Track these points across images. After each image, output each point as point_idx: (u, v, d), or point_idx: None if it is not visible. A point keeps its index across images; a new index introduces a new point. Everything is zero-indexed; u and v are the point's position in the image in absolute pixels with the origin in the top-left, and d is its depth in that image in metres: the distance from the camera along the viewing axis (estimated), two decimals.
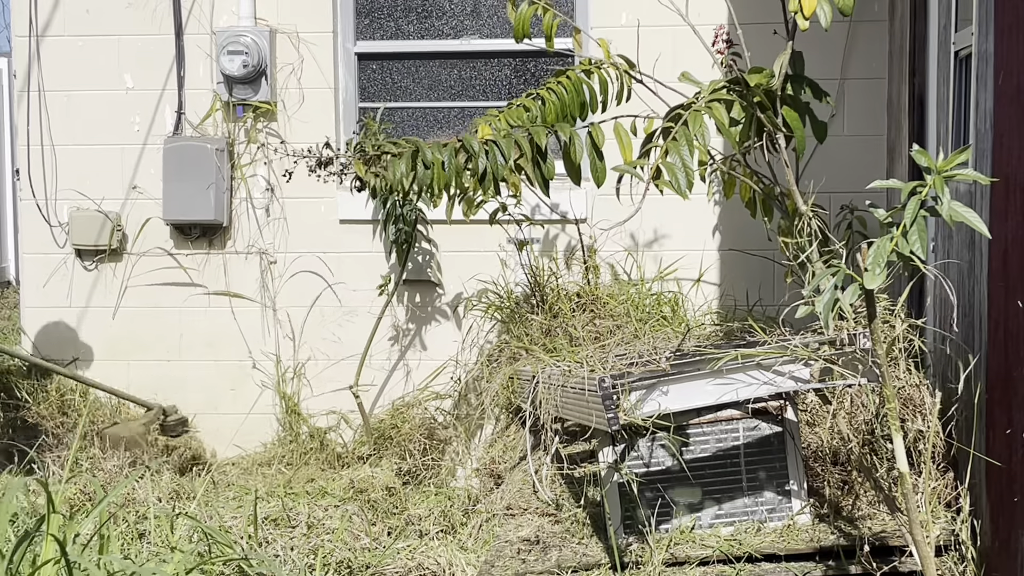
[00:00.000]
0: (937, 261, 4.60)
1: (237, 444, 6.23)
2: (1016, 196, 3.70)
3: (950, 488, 4.28)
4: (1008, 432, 3.77)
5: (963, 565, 4.03)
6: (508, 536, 4.60)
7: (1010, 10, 3.80)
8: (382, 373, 6.23)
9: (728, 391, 4.12)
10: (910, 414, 4.36)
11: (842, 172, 5.71)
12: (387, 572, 4.46)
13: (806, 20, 3.93)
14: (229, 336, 6.24)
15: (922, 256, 3.14)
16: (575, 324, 5.32)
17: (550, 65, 6.08)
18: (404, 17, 6.26)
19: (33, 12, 6.20)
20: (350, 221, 6.18)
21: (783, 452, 4.38)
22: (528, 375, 4.96)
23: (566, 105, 4.54)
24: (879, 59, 5.81)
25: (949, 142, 4.62)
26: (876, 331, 3.42)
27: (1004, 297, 3.80)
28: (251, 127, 6.17)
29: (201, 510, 4.54)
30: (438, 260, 6.14)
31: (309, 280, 6.23)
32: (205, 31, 6.17)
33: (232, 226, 6.24)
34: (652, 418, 4.08)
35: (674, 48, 5.42)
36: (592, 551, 4.36)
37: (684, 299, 5.86)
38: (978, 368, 4.02)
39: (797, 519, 4.35)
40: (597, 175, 4.42)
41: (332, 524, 4.80)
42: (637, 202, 4.17)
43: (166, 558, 3.92)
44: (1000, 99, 3.84)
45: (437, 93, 6.28)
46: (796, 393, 4.45)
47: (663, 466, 4.36)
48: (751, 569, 4.15)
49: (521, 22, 4.60)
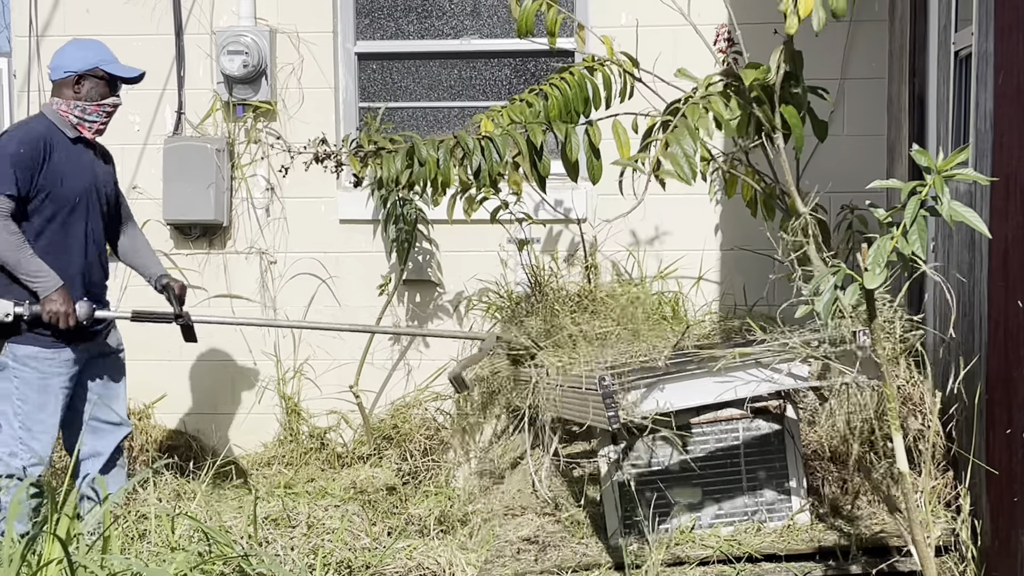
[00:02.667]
0: (937, 261, 4.60)
1: (237, 444, 6.24)
2: (1016, 196, 3.71)
3: (950, 488, 4.28)
4: (1008, 432, 3.77)
5: (963, 565, 4.04)
6: (508, 536, 4.61)
7: (1010, 10, 3.80)
8: (382, 373, 6.23)
9: (728, 389, 4.12)
10: (910, 413, 4.36)
11: (842, 172, 5.71)
12: (387, 572, 4.46)
13: (798, 21, 3.93)
14: (229, 335, 6.24)
15: (922, 256, 3.15)
16: (575, 323, 5.31)
17: (550, 65, 6.08)
18: (404, 17, 6.26)
19: (33, 12, 6.20)
20: (350, 221, 6.18)
21: (783, 451, 4.39)
22: (528, 374, 4.96)
23: (569, 101, 4.53)
24: (879, 59, 5.81)
25: (949, 142, 4.62)
26: (876, 330, 3.43)
27: (1004, 297, 3.80)
28: (251, 127, 6.17)
29: (201, 510, 4.54)
30: (439, 260, 6.14)
31: (309, 280, 6.24)
32: (205, 31, 6.17)
33: (232, 226, 6.24)
34: (652, 416, 4.09)
35: (674, 48, 5.42)
36: (592, 551, 4.36)
37: (685, 298, 5.86)
38: (978, 368, 4.02)
39: (797, 519, 4.36)
40: (593, 173, 4.43)
41: (332, 524, 4.80)
42: (640, 199, 4.18)
43: (166, 558, 3.92)
44: (1000, 99, 3.84)
45: (437, 93, 6.28)
46: (796, 392, 4.45)
47: (663, 466, 4.36)
48: (751, 569, 4.15)
49: (524, 18, 4.60)
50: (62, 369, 4.66)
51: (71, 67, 4.70)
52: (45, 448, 4.64)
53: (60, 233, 4.67)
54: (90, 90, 4.71)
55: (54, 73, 4.73)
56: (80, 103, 4.70)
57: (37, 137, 4.63)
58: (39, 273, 4.53)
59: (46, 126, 4.69)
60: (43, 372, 4.63)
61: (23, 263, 4.52)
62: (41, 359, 4.62)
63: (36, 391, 4.62)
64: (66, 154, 4.69)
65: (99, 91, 4.73)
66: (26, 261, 4.52)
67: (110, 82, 4.76)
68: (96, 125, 4.76)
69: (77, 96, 4.70)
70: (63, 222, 4.68)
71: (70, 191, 4.68)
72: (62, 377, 4.67)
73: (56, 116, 4.72)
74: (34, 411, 4.63)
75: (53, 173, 4.63)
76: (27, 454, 4.60)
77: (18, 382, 4.62)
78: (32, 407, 4.63)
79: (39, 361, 4.62)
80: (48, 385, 4.64)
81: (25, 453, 4.61)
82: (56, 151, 4.65)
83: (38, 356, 4.62)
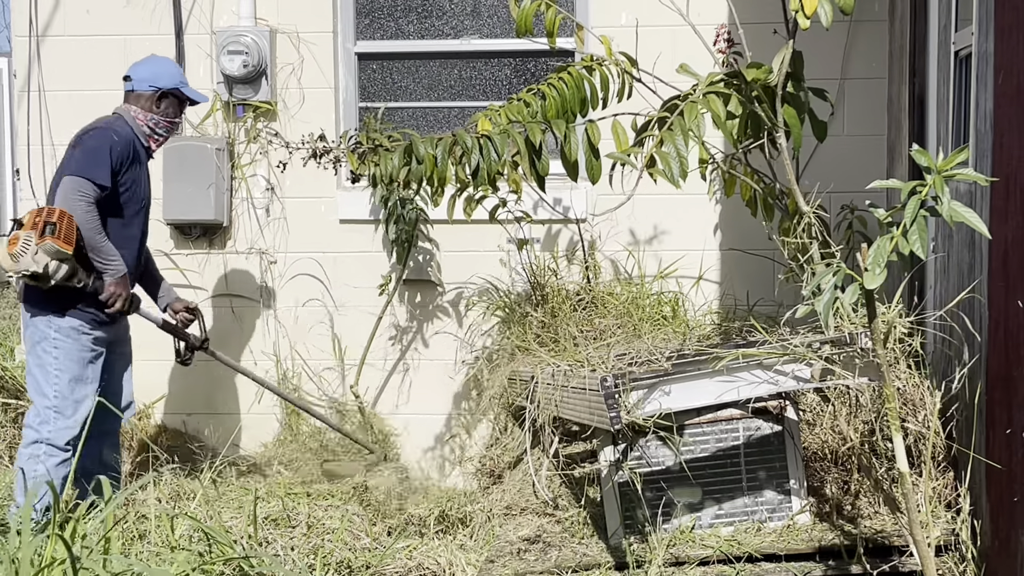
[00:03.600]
0: (937, 261, 4.60)
1: (237, 444, 6.23)
2: (1016, 196, 3.71)
3: (950, 488, 4.28)
4: (1008, 432, 3.77)
5: (963, 565, 4.04)
6: (508, 536, 4.61)
7: (1010, 10, 3.80)
8: (382, 372, 6.23)
9: (729, 390, 4.12)
10: (910, 414, 4.36)
11: (842, 172, 5.71)
12: (387, 572, 4.46)
13: (807, 19, 3.93)
14: (229, 335, 6.24)
15: (923, 256, 3.15)
16: (575, 323, 5.31)
17: (550, 65, 6.08)
18: (404, 17, 6.26)
19: (33, 12, 6.20)
20: (350, 221, 6.18)
21: (783, 452, 4.39)
22: (528, 374, 4.96)
23: (567, 101, 4.53)
24: (879, 59, 5.81)
25: (949, 142, 4.62)
26: (876, 331, 3.43)
27: (1004, 297, 3.80)
28: (251, 127, 6.17)
29: (201, 510, 4.54)
30: (438, 260, 6.14)
31: (309, 280, 6.23)
32: (205, 31, 6.17)
33: (232, 226, 6.24)
34: (654, 417, 4.09)
35: (674, 48, 5.42)
36: (592, 551, 4.36)
37: (684, 298, 5.86)
38: (978, 368, 4.02)
39: (797, 519, 4.36)
40: (592, 173, 4.42)
41: (332, 524, 4.80)
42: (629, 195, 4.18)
43: (166, 558, 3.92)
44: (1000, 99, 3.84)
45: (437, 93, 6.28)
46: (796, 392, 4.45)
47: (663, 466, 4.36)
48: (751, 569, 4.15)
49: (523, 18, 4.60)
50: (97, 346, 4.94)
51: (158, 83, 5.00)
52: (80, 419, 4.82)
53: (122, 233, 4.94)
54: (167, 108, 5.02)
55: (139, 85, 4.99)
56: (156, 117, 5.00)
57: (129, 138, 4.92)
58: (112, 257, 4.83)
59: (130, 131, 4.96)
60: (83, 345, 4.89)
61: (101, 246, 4.80)
62: (83, 332, 4.88)
63: (76, 363, 4.87)
64: (140, 161, 5.00)
65: (174, 110, 5.06)
66: (103, 243, 4.81)
67: (182, 103, 5.10)
68: (161, 140, 5.09)
69: (156, 111, 5.00)
70: (126, 224, 4.96)
71: (139, 196, 4.99)
72: (95, 353, 4.94)
73: (134, 123, 4.99)
74: (73, 383, 4.87)
75: (131, 176, 4.91)
76: (60, 423, 4.82)
77: (58, 352, 4.86)
78: (71, 378, 4.86)
79: (80, 335, 4.87)
80: (86, 358, 4.90)
81: (58, 422, 4.83)
82: (138, 156, 4.96)
83: (80, 329, 4.88)
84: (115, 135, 4.85)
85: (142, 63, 5.11)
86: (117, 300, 4.86)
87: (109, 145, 4.78)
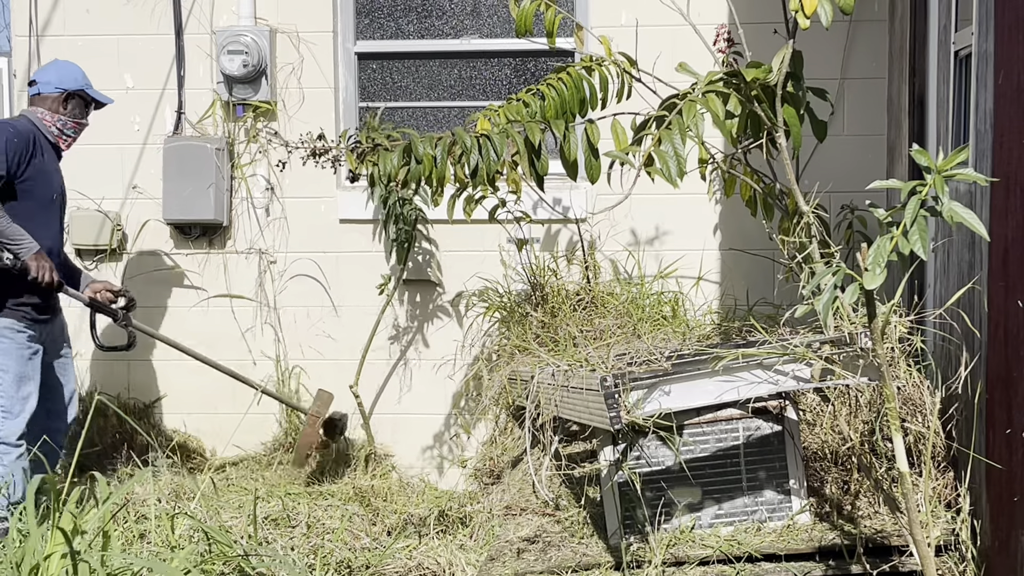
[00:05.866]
0: (937, 261, 4.60)
1: (236, 444, 6.23)
2: (1016, 196, 3.71)
3: (950, 488, 4.29)
4: (1008, 432, 3.77)
5: (963, 565, 4.04)
6: (508, 536, 4.61)
7: (1010, 10, 3.80)
8: (382, 372, 6.23)
9: (729, 390, 4.12)
10: (910, 414, 4.36)
11: (842, 172, 5.71)
12: (387, 572, 4.46)
13: (807, 19, 3.92)
14: (229, 335, 6.24)
15: (924, 256, 3.15)
16: (575, 323, 5.31)
17: (550, 65, 6.08)
18: (404, 17, 6.26)
19: (33, 12, 6.20)
20: (350, 221, 6.18)
21: (783, 452, 4.38)
22: (527, 374, 4.96)
23: (566, 101, 4.53)
24: (879, 59, 5.81)
25: (949, 142, 4.62)
26: (876, 331, 3.43)
27: (1004, 297, 3.81)
28: (251, 127, 6.17)
29: (201, 510, 4.54)
30: (438, 260, 6.14)
31: (309, 280, 6.23)
32: (205, 31, 6.17)
33: (232, 226, 6.24)
34: (654, 417, 4.08)
35: (674, 48, 5.42)
36: (592, 551, 4.36)
37: (684, 298, 5.86)
38: (978, 368, 4.02)
39: (797, 519, 4.36)
40: (592, 172, 4.42)
41: (332, 524, 4.80)
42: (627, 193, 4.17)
43: (166, 557, 3.92)
44: (1000, 99, 3.85)
45: (437, 93, 6.28)
46: (796, 392, 4.45)
47: (663, 466, 4.36)
48: (751, 569, 4.15)
49: (523, 17, 4.60)
50: (33, 343, 5.05)
51: (63, 85, 5.18)
52: (28, 415, 4.98)
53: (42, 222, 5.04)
54: (73, 108, 5.21)
55: (44, 88, 5.18)
56: (63, 118, 5.18)
57: (28, 131, 5.07)
58: (22, 237, 4.90)
59: (33, 127, 5.11)
60: (20, 343, 5.00)
61: (5, 228, 4.86)
62: (18, 331, 4.99)
63: (16, 361, 4.98)
64: (47, 156, 5.15)
65: (80, 111, 5.24)
66: (8, 226, 4.88)
67: (87, 104, 5.28)
68: (71, 140, 5.25)
69: (63, 112, 5.18)
70: (43, 211, 5.06)
71: (49, 190, 5.10)
72: (32, 350, 5.05)
73: (40, 123, 5.15)
74: (17, 381, 4.97)
75: (37, 169, 5.03)
76: (10, 422, 4.94)
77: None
78: (15, 376, 4.97)
79: (16, 332, 4.98)
80: (25, 355, 5.01)
81: (7, 422, 4.94)
82: (42, 151, 5.08)
83: (14, 327, 4.99)
84: (11, 128, 4.99)
85: (47, 67, 5.32)
86: (45, 272, 4.94)
87: (5, 138, 4.91)
